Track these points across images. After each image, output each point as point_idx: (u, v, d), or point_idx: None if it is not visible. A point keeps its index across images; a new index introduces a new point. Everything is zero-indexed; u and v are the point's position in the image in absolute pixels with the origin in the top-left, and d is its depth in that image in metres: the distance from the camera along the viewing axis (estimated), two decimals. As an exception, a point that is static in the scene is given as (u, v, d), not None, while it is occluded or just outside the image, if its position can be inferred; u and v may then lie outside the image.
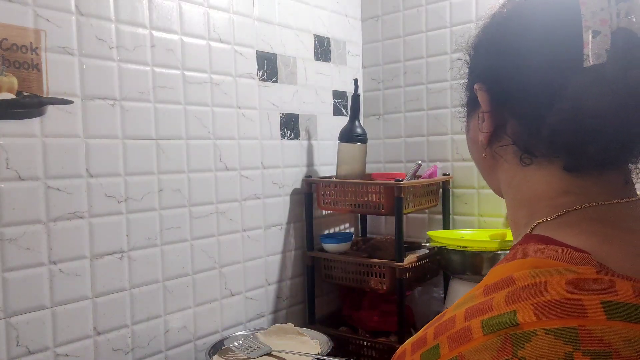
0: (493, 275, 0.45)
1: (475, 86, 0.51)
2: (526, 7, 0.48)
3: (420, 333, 0.48)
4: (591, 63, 0.42)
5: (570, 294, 0.37)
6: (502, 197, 0.57)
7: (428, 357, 0.43)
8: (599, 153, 0.44)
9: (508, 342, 0.36)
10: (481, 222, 1.58)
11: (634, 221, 0.44)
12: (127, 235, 1.16)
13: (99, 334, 1.12)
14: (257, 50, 1.45)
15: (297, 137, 1.59)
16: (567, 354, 0.34)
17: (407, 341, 0.51)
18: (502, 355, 0.36)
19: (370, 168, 1.75)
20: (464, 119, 0.58)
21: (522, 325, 0.36)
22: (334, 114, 1.73)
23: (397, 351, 0.51)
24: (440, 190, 1.62)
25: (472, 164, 1.45)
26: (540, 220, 0.47)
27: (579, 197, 0.46)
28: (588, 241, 0.43)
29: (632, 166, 0.47)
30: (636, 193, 0.47)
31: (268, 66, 1.49)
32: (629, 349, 0.33)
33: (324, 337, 1.30)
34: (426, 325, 0.51)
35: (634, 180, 0.47)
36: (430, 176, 1.55)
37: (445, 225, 1.62)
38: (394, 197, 1.38)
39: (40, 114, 1.01)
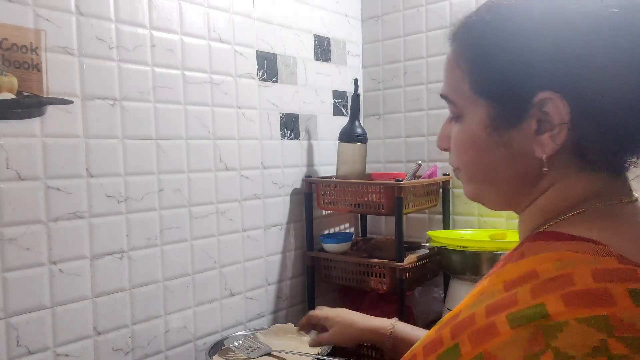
0: (509, 272, 0.46)
1: (545, 94, 0.45)
2: (591, 10, 0.44)
3: (432, 334, 0.48)
4: None
5: (597, 283, 0.38)
6: (506, 210, 0.56)
7: (446, 358, 0.44)
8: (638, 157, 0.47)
9: (539, 334, 0.37)
10: (481, 222, 1.58)
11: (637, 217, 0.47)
12: (127, 235, 1.16)
13: (99, 334, 1.12)
14: (257, 50, 1.45)
15: (297, 137, 1.59)
16: (601, 341, 0.34)
17: (415, 345, 0.51)
18: (533, 347, 0.36)
19: (370, 168, 1.75)
20: (491, 130, 0.50)
21: (553, 316, 0.37)
22: (334, 114, 1.73)
23: (405, 356, 0.51)
24: (440, 190, 1.62)
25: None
26: (555, 221, 0.48)
27: (599, 198, 0.47)
28: (602, 235, 0.44)
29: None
30: (633, 192, 0.50)
31: (268, 66, 1.49)
32: None
33: (324, 337, 1.30)
34: (436, 326, 0.51)
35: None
36: (430, 176, 1.55)
37: (445, 225, 1.62)
38: (394, 197, 1.38)
39: (40, 114, 1.01)
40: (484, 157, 0.51)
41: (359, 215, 1.85)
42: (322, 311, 1.03)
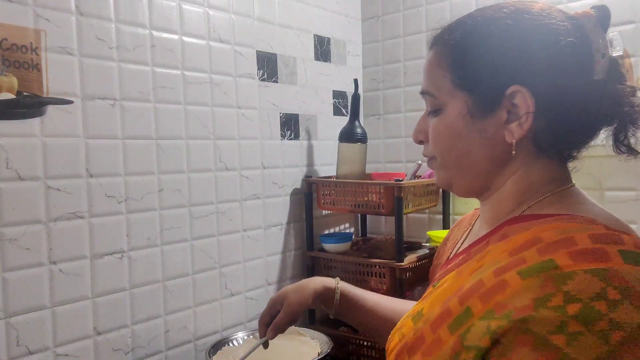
0: (501, 247, 0.53)
1: (515, 87, 0.54)
2: (550, 26, 0.55)
3: (437, 311, 0.54)
4: (599, 77, 0.54)
5: (594, 244, 0.46)
6: (475, 196, 0.64)
7: (457, 323, 0.50)
8: (585, 148, 0.58)
9: (549, 281, 0.44)
10: (481, 222, 1.58)
11: (586, 197, 0.58)
12: (127, 235, 1.16)
13: (99, 334, 1.12)
14: (257, 50, 1.45)
15: (297, 137, 1.59)
16: (602, 288, 0.43)
17: (417, 327, 0.55)
18: (544, 291, 0.44)
19: (370, 168, 1.75)
20: (468, 118, 0.58)
21: (562, 267, 0.45)
22: (334, 114, 1.73)
23: (408, 341, 0.55)
24: (440, 190, 1.62)
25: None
26: (528, 205, 0.57)
27: (557, 182, 0.58)
28: (576, 211, 0.53)
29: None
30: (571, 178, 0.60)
31: (268, 66, 1.49)
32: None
33: (324, 337, 1.30)
34: (437, 303, 0.55)
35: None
36: (430, 176, 1.55)
37: (445, 225, 1.62)
38: (394, 197, 1.38)
39: (40, 114, 1.01)
40: (459, 143, 0.59)
41: (359, 215, 1.85)
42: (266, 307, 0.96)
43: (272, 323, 0.91)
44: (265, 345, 0.93)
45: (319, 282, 0.91)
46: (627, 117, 0.55)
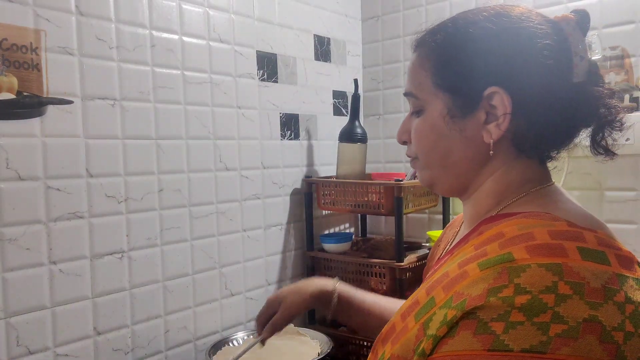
0: (475, 241, 0.54)
1: (493, 89, 0.56)
2: (522, 24, 0.57)
3: (408, 302, 0.56)
4: (578, 80, 0.55)
5: (552, 240, 0.47)
6: (457, 195, 0.65)
7: (422, 312, 0.51)
8: (565, 149, 0.59)
9: (504, 273, 0.46)
10: (481, 222, 1.58)
11: (564, 195, 0.59)
12: (127, 235, 1.16)
13: (99, 334, 1.12)
14: (257, 50, 1.45)
15: (297, 137, 1.59)
16: (553, 282, 0.44)
17: (391, 320, 0.58)
18: (498, 282, 0.45)
19: (370, 168, 1.75)
20: (448, 119, 0.59)
21: (518, 260, 0.46)
22: (334, 114, 1.73)
23: (383, 330, 0.57)
24: (440, 190, 1.61)
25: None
26: (504, 205, 0.58)
27: (535, 182, 0.59)
28: (547, 209, 0.54)
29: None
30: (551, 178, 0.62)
31: (268, 66, 1.49)
32: (596, 281, 0.44)
33: (324, 337, 1.30)
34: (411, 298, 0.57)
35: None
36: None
37: (445, 226, 1.62)
38: (394, 197, 1.38)
39: (40, 114, 1.01)
40: (441, 143, 0.61)
41: (359, 215, 1.85)
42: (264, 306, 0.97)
43: (268, 323, 0.91)
44: (263, 342, 0.93)
45: (316, 284, 0.91)
46: (603, 119, 0.56)
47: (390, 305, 0.90)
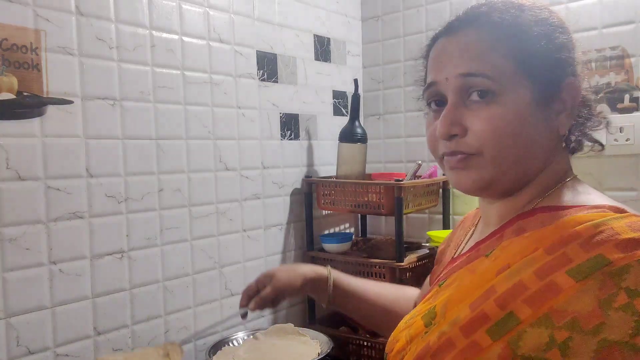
0: (534, 239, 0.51)
1: (571, 80, 0.57)
2: (565, 23, 0.60)
3: (466, 313, 0.50)
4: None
5: (633, 232, 0.45)
6: (506, 195, 0.59)
7: (500, 329, 0.47)
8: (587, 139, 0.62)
9: (607, 279, 0.43)
10: (481, 222, 1.58)
11: (589, 186, 0.59)
12: (127, 235, 1.16)
13: (99, 334, 1.12)
14: (257, 50, 1.45)
15: (297, 137, 1.59)
16: None
17: (441, 331, 0.52)
18: (605, 292, 0.43)
19: (370, 168, 1.75)
20: (534, 106, 0.55)
21: (614, 262, 0.43)
22: (334, 114, 1.73)
23: (430, 346, 0.52)
24: (440, 190, 1.62)
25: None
26: (540, 199, 0.56)
27: (568, 173, 0.59)
28: (591, 201, 0.53)
29: None
30: None
31: (268, 66, 1.49)
32: None
33: (324, 337, 1.30)
34: (457, 304, 0.53)
35: None
36: (430, 176, 1.55)
37: (445, 226, 1.62)
38: (394, 197, 1.38)
39: (40, 114, 1.01)
40: (525, 132, 0.55)
41: (359, 215, 1.84)
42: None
43: (257, 296, 0.87)
44: (244, 316, 0.89)
45: (309, 267, 0.90)
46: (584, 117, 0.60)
47: (384, 291, 0.89)
